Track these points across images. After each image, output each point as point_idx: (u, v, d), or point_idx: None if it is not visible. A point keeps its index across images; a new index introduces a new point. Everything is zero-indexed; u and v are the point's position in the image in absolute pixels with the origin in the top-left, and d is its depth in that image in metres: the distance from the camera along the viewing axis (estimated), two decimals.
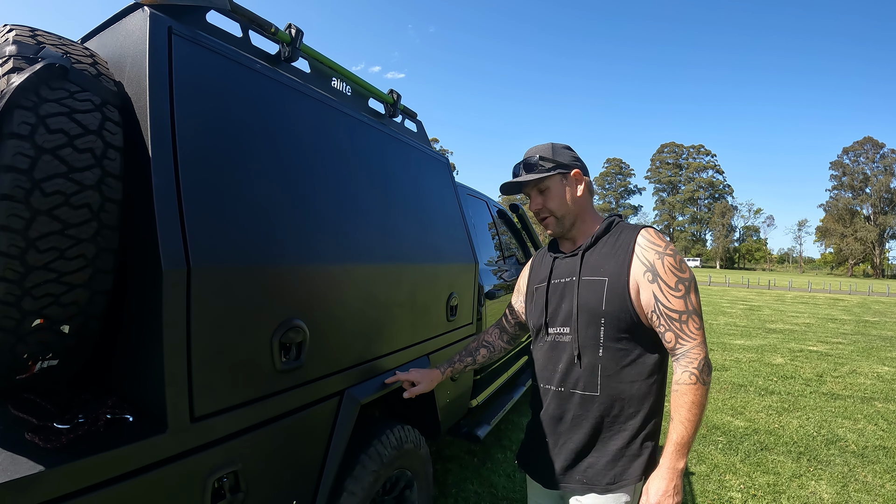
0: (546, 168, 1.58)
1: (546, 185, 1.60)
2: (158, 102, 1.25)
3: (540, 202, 1.63)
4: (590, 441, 1.53)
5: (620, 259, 1.50)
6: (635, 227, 1.56)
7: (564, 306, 1.59)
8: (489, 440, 4.29)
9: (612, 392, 1.50)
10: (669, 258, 1.45)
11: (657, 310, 1.43)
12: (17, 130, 1.02)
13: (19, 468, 0.96)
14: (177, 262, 1.19)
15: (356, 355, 1.90)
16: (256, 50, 1.76)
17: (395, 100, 2.55)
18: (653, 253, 1.46)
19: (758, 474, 3.92)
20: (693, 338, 1.40)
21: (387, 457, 2.01)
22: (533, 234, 5.64)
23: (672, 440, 1.39)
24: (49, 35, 1.25)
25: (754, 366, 7.96)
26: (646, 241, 1.50)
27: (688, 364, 1.39)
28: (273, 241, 1.51)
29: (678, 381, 1.41)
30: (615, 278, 1.48)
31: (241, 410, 1.39)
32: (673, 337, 1.42)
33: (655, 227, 1.58)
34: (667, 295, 1.41)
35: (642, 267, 1.46)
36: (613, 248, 1.54)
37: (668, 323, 1.42)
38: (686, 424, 1.37)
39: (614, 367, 1.49)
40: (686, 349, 1.40)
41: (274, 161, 1.59)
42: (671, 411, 1.41)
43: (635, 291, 1.46)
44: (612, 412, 1.50)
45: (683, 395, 1.38)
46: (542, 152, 1.60)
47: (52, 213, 1.07)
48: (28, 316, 1.10)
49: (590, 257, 1.57)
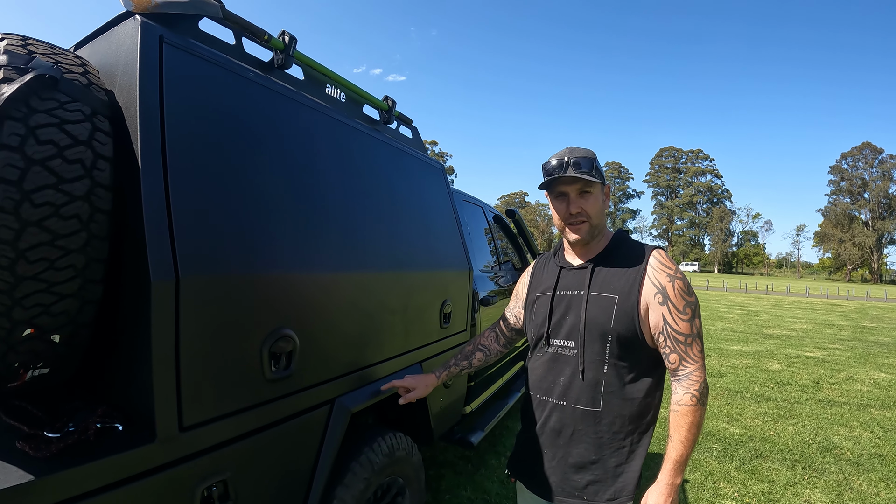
0: (592, 174, 1.54)
1: (591, 189, 1.56)
2: (148, 112, 1.26)
3: (580, 205, 1.57)
4: (589, 456, 1.54)
5: (632, 278, 1.51)
6: (645, 246, 1.58)
7: (570, 319, 1.59)
8: (483, 446, 4.28)
9: (613, 408, 1.51)
10: (680, 282, 1.47)
11: (665, 331, 1.44)
12: (7, 141, 1.03)
13: (9, 477, 0.97)
14: (166, 273, 1.19)
15: (347, 364, 1.90)
16: (250, 58, 1.77)
17: (389, 106, 2.56)
18: (664, 276, 1.48)
19: (752, 482, 3.92)
20: (696, 360, 1.43)
21: (378, 464, 2.01)
22: (529, 240, 5.64)
23: (671, 458, 1.41)
24: (40, 44, 1.26)
25: (751, 372, 7.95)
26: (658, 262, 1.51)
27: (689, 386, 1.42)
28: (263, 251, 1.51)
29: (679, 402, 1.42)
30: (625, 297, 1.49)
31: (230, 419, 1.40)
32: (677, 359, 1.44)
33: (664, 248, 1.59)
34: (675, 317, 1.43)
35: (653, 289, 1.47)
36: (624, 265, 1.55)
37: (673, 345, 1.44)
38: (685, 444, 1.40)
39: (617, 384, 1.51)
40: (688, 371, 1.43)
41: (264, 170, 1.59)
42: (671, 430, 1.43)
43: (644, 312, 1.47)
44: (613, 428, 1.51)
45: (684, 416, 1.41)
46: (590, 156, 1.55)
47: (41, 224, 1.08)
48: (18, 325, 1.11)
49: (600, 272, 1.57)
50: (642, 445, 1.53)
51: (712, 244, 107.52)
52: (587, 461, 1.54)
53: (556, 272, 1.68)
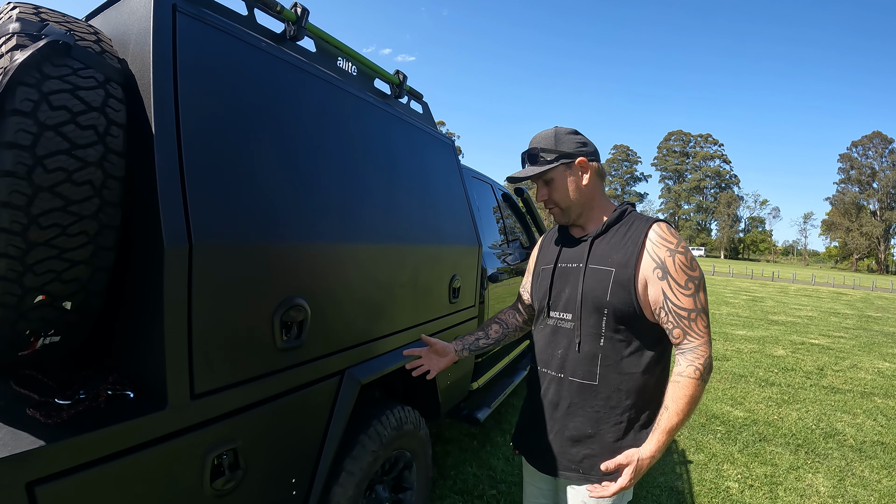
0: (548, 160, 1.55)
1: (550, 176, 1.57)
2: (162, 80, 1.25)
3: (545, 193, 1.61)
4: (586, 430, 1.53)
5: (629, 251, 1.48)
6: (647, 219, 1.54)
7: (568, 292, 1.58)
8: (489, 423, 4.31)
9: (610, 382, 1.49)
10: (681, 256, 1.43)
11: (665, 306, 1.42)
12: (20, 107, 1.02)
13: (20, 443, 0.97)
14: (179, 239, 1.19)
15: (357, 335, 1.90)
16: (262, 28, 1.75)
17: (400, 80, 2.53)
18: (664, 249, 1.44)
19: (755, 465, 3.94)
20: (700, 336, 1.40)
21: (386, 437, 2.03)
22: (538, 219, 5.62)
23: (661, 427, 1.38)
24: (53, 12, 1.24)
25: (755, 357, 7.97)
26: (658, 236, 1.47)
27: (694, 359, 1.39)
28: (276, 220, 1.51)
29: (681, 373, 1.40)
30: (622, 270, 1.47)
31: (241, 388, 1.40)
32: (681, 333, 1.41)
33: (667, 220, 1.56)
34: (676, 293, 1.40)
35: (652, 263, 1.44)
36: (623, 238, 1.52)
37: (676, 320, 1.41)
38: (679, 415, 1.37)
39: (614, 357, 1.49)
40: (693, 346, 1.40)
41: (277, 140, 1.58)
42: (667, 400, 1.40)
43: (643, 286, 1.45)
44: (610, 403, 1.50)
45: (684, 388, 1.38)
46: (544, 143, 1.56)
47: (54, 190, 1.07)
48: (30, 292, 1.11)
49: (598, 245, 1.56)
50: (642, 421, 1.51)
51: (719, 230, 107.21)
52: (584, 435, 1.53)
53: (560, 245, 1.68)
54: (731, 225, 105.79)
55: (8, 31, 1.11)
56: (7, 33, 1.11)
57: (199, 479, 1.30)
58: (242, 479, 1.43)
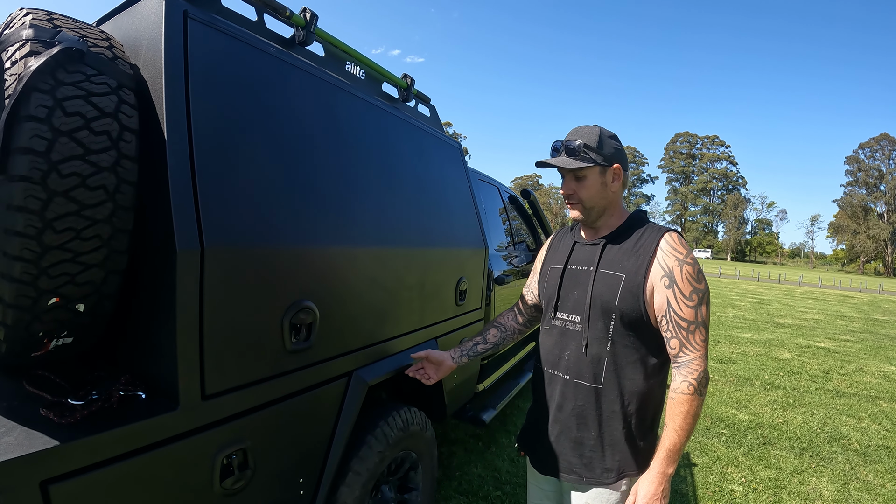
0: (588, 158, 1.53)
1: (584, 174, 1.56)
2: (174, 85, 1.27)
3: (572, 188, 1.59)
4: (590, 432, 1.54)
5: (641, 259, 1.49)
6: (660, 228, 1.55)
7: (577, 294, 1.59)
8: (494, 425, 4.32)
9: (615, 386, 1.50)
10: (689, 267, 1.44)
11: (667, 315, 1.43)
12: (35, 113, 1.04)
13: (34, 443, 0.99)
14: (191, 243, 1.21)
15: (365, 337, 1.92)
16: (271, 33, 1.77)
17: (408, 84, 2.55)
18: (673, 259, 1.45)
19: (760, 468, 3.94)
20: (697, 349, 1.41)
21: (392, 438, 2.04)
22: (544, 221, 5.61)
23: (664, 446, 1.40)
24: (65, 18, 1.26)
25: (761, 360, 7.95)
26: (668, 245, 1.48)
27: (688, 374, 1.40)
28: (285, 223, 1.52)
29: (676, 390, 1.41)
30: (632, 276, 1.48)
31: (250, 389, 1.42)
32: (678, 344, 1.42)
33: (679, 231, 1.56)
34: (679, 303, 1.41)
35: (661, 271, 1.45)
36: (635, 245, 1.53)
37: (675, 330, 1.42)
38: (679, 433, 1.38)
39: (620, 362, 1.50)
40: (688, 359, 1.41)
41: (287, 144, 1.60)
42: (666, 418, 1.42)
43: (650, 293, 1.46)
44: (615, 406, 1.51)
45: (680, 405, 1.39)
46: (588, 139, 1.54)
47: (68, 195, 1.09)
48: (44, 294, 1.13)
49: (610, 250, 1.57)
50: (646, 426, 1.53)
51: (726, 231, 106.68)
52: (587, 437, 1.54)
53: (570, 246, 1.69)
54: (738, 227, 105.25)
55: (21, 37, 1.13)
56: (21, 40, 1.13)
57: (209, 478, 1.32)
58: (251, 478, 1.44)
